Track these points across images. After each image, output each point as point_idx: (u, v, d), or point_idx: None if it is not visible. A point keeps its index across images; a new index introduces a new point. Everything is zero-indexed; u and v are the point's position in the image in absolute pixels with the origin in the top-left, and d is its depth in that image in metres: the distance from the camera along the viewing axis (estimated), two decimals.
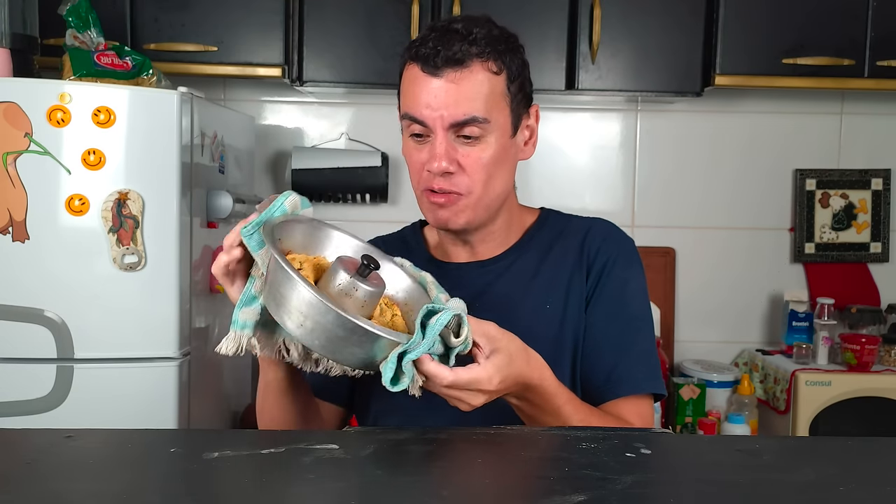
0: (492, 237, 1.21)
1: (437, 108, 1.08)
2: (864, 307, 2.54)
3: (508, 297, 1.17)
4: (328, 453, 0.77)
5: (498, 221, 1.20)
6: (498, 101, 1.11)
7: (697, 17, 2.29)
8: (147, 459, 0.80)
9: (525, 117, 1.17)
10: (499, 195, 1.15)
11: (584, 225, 1.23)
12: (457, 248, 1.22)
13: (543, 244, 1.21)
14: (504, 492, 0.73)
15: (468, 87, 1.08)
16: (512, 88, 1.13)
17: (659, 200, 2.66)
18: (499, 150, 1.12)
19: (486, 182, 1.11)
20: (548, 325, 1.15)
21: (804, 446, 0.98)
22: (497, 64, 1.11)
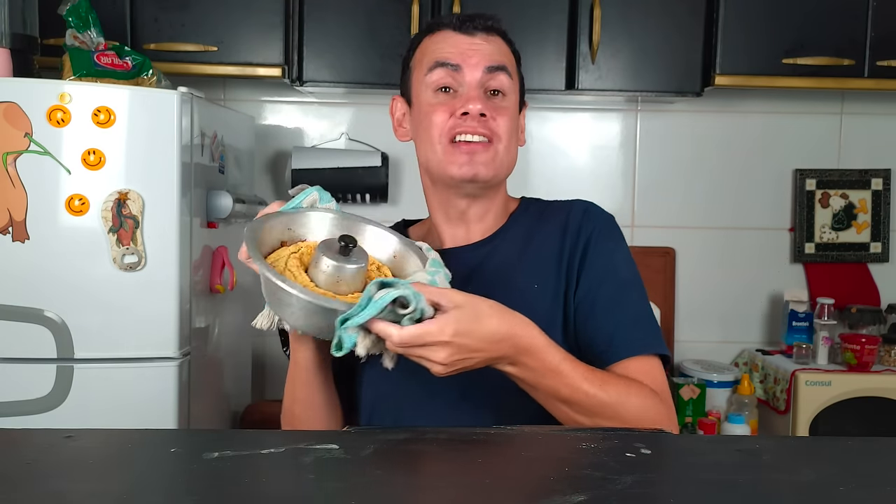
0: (488, 215, 1.24)
1: (472, 55, 1.17)
2: (864, 307, 2.54)
3: (497, 278, 1.19)
4: (328, 453, 0.77)
5: (497, 198, 1.25)
6: (514, 71, 1.21)
7: (697, 17, 2.29)
8: (147, 459, 0.80)
9: (523, 106, 1.27)
10: (513, 160, 1.22)
11: (563, 206, 1.27)
12: (451, 227, 1.25)
13: (526, 227, 1.25)
14: (504, 492, 0.72)
15: (497, 46, 1.19)
16: (519, 71, 1.24)
17: (659, 200, 2.66)
18: (514, 115, 1.21)
19: (509, 136, 1.19)
20: (538, 304, 1.15)
21: (804, 446, 0.98)
22: (513, 49, 1.23)
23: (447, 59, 1.16)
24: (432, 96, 1.18)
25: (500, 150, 1.17)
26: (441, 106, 1.17)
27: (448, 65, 1.16)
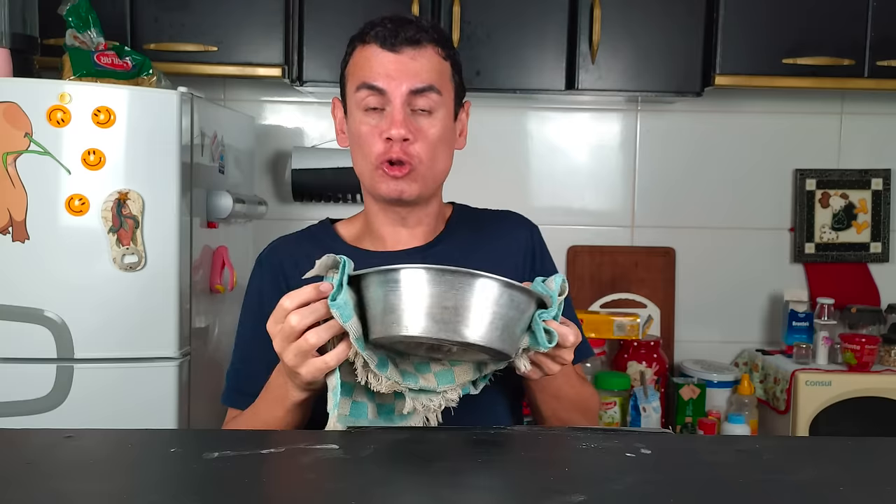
0: (426, 220, 1.28)
1: (397, 76, 1.17)
2: (864, 307, 2.54)
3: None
4: (328, 453, 0.77)
5: (433, 204, 1.28)
6: (446, 82, 1.21)
7: (697, 17, 2.29)
8: (147, 459, 0.80)
9: (461, 111, 1.27)
10: (442, 172, 1.24)
11: (499, 216, 1.35)
12: (387, 233, 1.27)
13: (464, 234, 1.30)
14: (504, 492, 0.73)
15: (424, 62, 1.18)
16: (455, 77, 1.23)
17: (659, 200, 2.66)
18: (445, 128, 1.21)
19: (434, 155, 1.21)
20: None
21: (804, 446, 0.98)
22: (445, 51, 1.21)
23: (373, 80, 1.17)
24: (362, 115, 1.20)
25: (422, 172, 1.20)
26: (369, 127, 1.19)
27: (374, 87, 1.17)
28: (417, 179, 1.20)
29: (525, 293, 0.93)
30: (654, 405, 2.31)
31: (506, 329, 0.91)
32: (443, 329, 0.88)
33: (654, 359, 2.46)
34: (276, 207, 2.59)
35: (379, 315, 0.91)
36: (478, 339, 0.88)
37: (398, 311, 0.89)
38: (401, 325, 0.88)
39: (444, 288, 0.88)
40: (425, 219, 1.27)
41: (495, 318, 0.90)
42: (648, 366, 2.45)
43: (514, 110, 2.63)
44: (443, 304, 0.88)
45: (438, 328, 0.88)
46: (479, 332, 0.88)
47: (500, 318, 0.90)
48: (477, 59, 2.27)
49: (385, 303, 0.90)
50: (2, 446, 0.83)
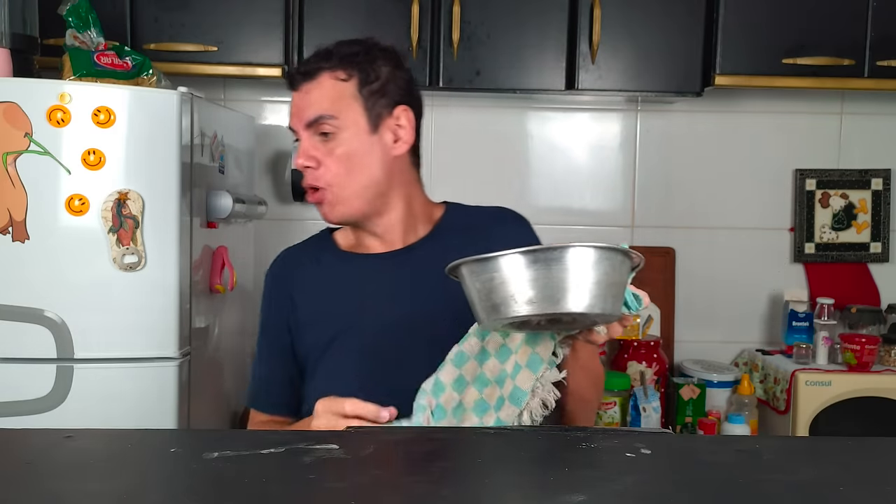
0: (396, 227, 1.34)
1: (296, 114, 1.30)
2: (864, 307, 2.54)
3: (433, 281, 1.26)
4: (328, 453, 0.77)
5: (393, 213, 1.33)
6: (348, 101, 1.28)
7: (697, 17, 2.29)
8: (147, 459, 0.80)
9: (387, 117, 1.31)
10: (368, 187, 1.30)
11: (492, 213, 1.41)
12: (370, 240, 1.36)
13: (457, 233, 1.35)
14: (504, 492, 0.73)
15: (317, 93, 1.28)
16: (364, 91, 1.29)
17: (659, 200, 2.66)
18: (356, 145, 1.28)
19: (346, 175, 1.28)
20: None
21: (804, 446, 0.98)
22: (345, 72, 1.29)
23: (289, 124, 1.32)
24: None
25: (335, 193, 1.29)
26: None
27: (292, 130, 1.32)
28: (336, 203, 1.29)
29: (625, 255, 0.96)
30: (654, 405, 2.31)
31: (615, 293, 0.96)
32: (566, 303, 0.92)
33: (654, 359, 2.46)
34: (276, 207, 2.59)
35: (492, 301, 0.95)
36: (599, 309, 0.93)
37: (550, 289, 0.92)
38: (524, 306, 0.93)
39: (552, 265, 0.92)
40: (391, 228, 1.34)
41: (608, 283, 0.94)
42: (648, 366, 2.45)
43: (514, 110, 2.63)
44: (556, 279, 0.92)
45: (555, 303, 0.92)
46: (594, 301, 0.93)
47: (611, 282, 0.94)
48: (477, 59, 2.27)
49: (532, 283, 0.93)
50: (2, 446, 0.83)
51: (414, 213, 1.36)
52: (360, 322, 1.30)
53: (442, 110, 2.62)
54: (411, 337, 1.27)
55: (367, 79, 1.29)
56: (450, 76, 2.27)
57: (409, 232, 1.35)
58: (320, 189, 1.29)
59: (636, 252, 0.97)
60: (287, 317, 1.36)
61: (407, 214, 1.35)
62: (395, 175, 1.31)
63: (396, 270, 1.33)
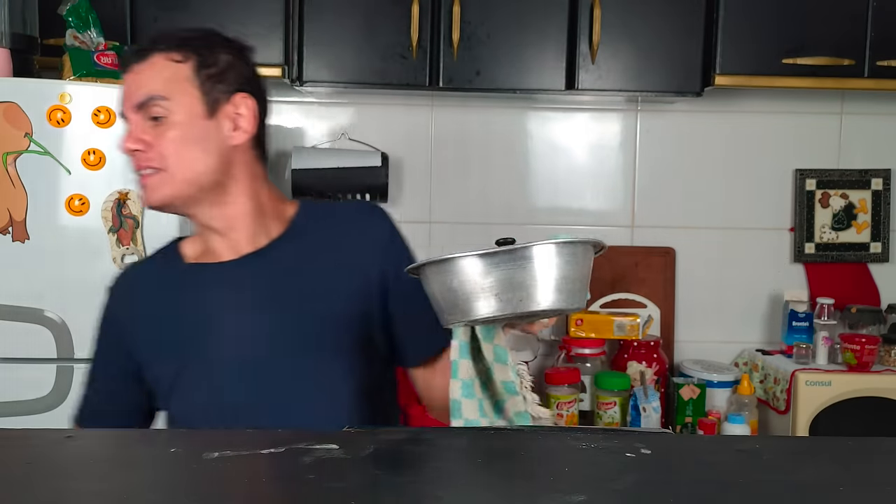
0: (241, 224, 1.26)
1: (126, 96, 1.23)
2: (864, 307, 2.54)
3: (298, 284, 1.26)
4: (328, 453, 0.77)
5: (234, 208, 1.26)
6: (182, 83, 1.22)
7: (697, 17, 2.29)
8: (147, 459, 0.80)
9: (226, 104, 1.23)
10: (201, 173, 1.22)
11: (352, 208, 1.41)
12: (216, 242, 1.28)
13: (315, 231, 1.30)
14: (504, 492, 0.72)
15: (148, 73, 1.22)
16: (201, 75, 1.22)
17: (659, 200, 2.66)
18: (189, 129, 1.21)
19: (178, 157, 1.21)
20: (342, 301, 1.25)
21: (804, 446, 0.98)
22: (181, 54, 1.22)
23: (119, 109, 1.25)
24: None
25: (167, 177, 1.21)
26: None
27: (122, 114, 1.24)
28: (163, 184, 1.21)
29: (584, 245, 0.97)
30: (654, 405, 2.31)
31: (579, 288, 0.97)
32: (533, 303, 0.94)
33: (654, 359, 2.46)
34: None
35: (456, 300, 0.96)
36: (565, 304, 0.95)
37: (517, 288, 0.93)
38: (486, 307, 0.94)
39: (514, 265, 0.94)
40: (235, 224, 1.27)
41: (571, 278, 0.95)
42: (648, 366, 2.45)
43: (514, 110, 2.63)
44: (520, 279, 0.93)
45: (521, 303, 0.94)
46: (560, 297, 0.94)
47: (574, 277, 0.95)
48: (477, 59, 2.27)
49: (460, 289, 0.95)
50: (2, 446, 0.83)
51: (263, 210, 1.28)
52: (212, 343, 1.24)
53: (442, 110, 2.62)
54: (285, 348, 1.23)
55: (204, 62, 1.22)
56: (450, 76, 2.27)
57: (258, 232, 1.28)
58: (149, 168, 1.21)
59: (597, 240, 0.99)
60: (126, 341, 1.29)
61: (254, 211, 1.27)
62: (234, 166, 1.24)
63: (252, 278, 1.26)
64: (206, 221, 1.27)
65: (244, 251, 1.27)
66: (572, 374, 2.36)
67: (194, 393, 1.24)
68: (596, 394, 2.40)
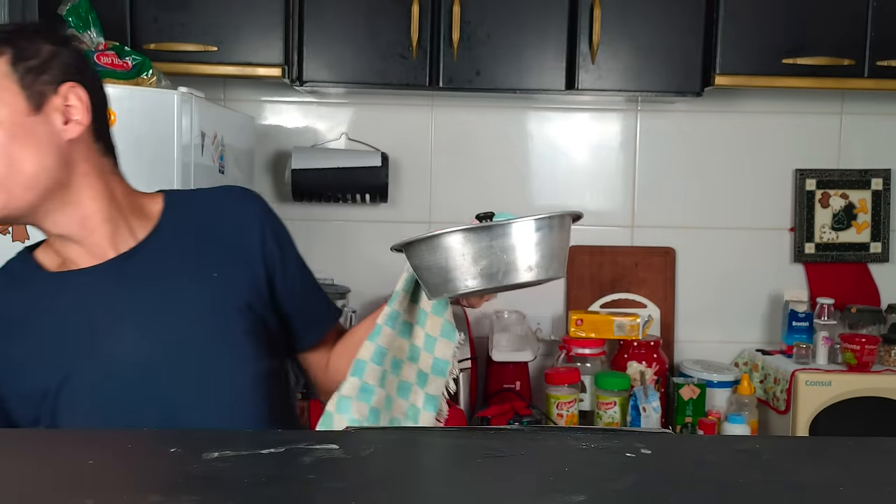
0: (96, 227, 1.18)
1: None
2: (864, 307, 2.54)
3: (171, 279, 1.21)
4: (328, 453, 0.77)
5: (83, 209, 1.17)
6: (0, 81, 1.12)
7: (697, 17, 2.29)
8: (147, 459, 0.80)
9: (53, 96, 1.14)
10: (34, 175, 1.12)
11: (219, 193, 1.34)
12: (73, 251, 1.19)
13: (186, 224, 1.25)
14: (504, 492, 0.72)
15: None
16: (19, 68, 1.12)
17: (659, 200, 2.66)
18: (14, 128, 1.11)
19: (8, 161, 1.10)
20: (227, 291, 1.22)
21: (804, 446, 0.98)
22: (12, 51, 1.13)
23: None
24: None
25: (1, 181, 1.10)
26: None
27: None
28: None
29: (561, 218, 1.03)
30: (654, 405, 2.31)
31: (560, 258, 1.04)
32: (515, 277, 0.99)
33: (654, 359, 2.46)
34: (276, 207, 2.57)
35: (440, 276, 1.00)
36: (545, 275, 1.00)
37: (499, 262, 0.98)
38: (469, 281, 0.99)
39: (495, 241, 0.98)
40: (88, 229, 1.18)
41: (551, 250, 1.02)
42: (648, 366, 2.45)
43: (514, 110, 2.63)
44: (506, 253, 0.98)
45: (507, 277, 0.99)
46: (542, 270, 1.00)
47: (554, 249, 1.02)
48: (477, 59, 2.27)
49: (446, 264, 0.99)
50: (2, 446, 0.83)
51: (119, 207, 1.21)
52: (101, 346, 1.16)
53: (442, 110, 2.62)
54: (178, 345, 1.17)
55: (21, 55, 1.13)
56: (450, 76, 2.27)
57: (119, 234, 1.20)
58: None
59: (573, 211, 1.06)
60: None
61: (109, 209, 1.19)
62: (75, 163, 1.15)
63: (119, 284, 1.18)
64: (57, 230, 1.18)
65: (108, 255, 1.19)
66: (572, 374, 2.36)
67: (86, 398, 1.14)
68: (596, 394, 2.40)
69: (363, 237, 2.60)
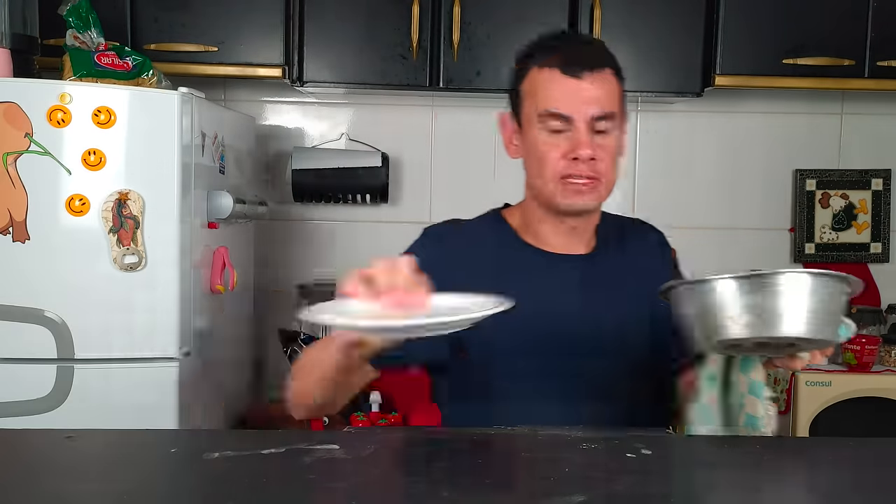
0: (591, 226, 1.34)
1: (581, 104, 1.23)
2: (864, 307, 2.54)
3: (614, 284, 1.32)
4: (328, 453, 0.77)
5: (598, 214, 1.35)
6: (619, 101, 1.28)
7: (697, 16, 2.29)
8: (147, 459, 0.80)
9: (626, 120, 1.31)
10: (615, 184, 1.31)
11: (636, 226, 1.46)
12: (560, 238, 1.32)
13: (614, 243, 1.37)
14: (504, 492, 0.73)
15: (605, 87, 1.25)
16: (623, 92, 1.30)
17: (659, 200, 2.66)
18: (619, 143, 1.29)
19: (613, 170, 1.28)
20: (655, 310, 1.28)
21: (804, 446, 0.98)
22: (615, 70, 1.29)
23: (558, 109, 1.24)
24: (546, 136, 1.26)
25: (604, 186, 1.28)
26: (552, 147, 1.25)
27: (560, 116, 1.24)
28: (600, 194, 1.28)
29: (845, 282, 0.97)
30: None
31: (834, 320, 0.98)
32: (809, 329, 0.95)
33: None
34: (276, 208, 2.59)
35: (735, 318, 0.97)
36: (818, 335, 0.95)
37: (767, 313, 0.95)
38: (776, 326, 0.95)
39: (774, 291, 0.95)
40: (589, 227, 1.34)
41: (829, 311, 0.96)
42: None
43: None
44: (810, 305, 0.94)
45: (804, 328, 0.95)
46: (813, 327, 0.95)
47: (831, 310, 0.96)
48: (477, 59, 2.27)
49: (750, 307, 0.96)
50: (2, 446, 0.83)
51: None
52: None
53: (442, 110, 2.62)
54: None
55: (623, 81, 1.29)
56: (450, 76, 2.27)
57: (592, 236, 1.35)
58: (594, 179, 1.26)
59: (855, 279, 0.98)
60: None
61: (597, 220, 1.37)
62: None
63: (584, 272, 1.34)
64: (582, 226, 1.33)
65: (569, 252, 1.32)
66: None
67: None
68: None
69: (363, 237, 2.60)
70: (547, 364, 1.25)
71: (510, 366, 1.25)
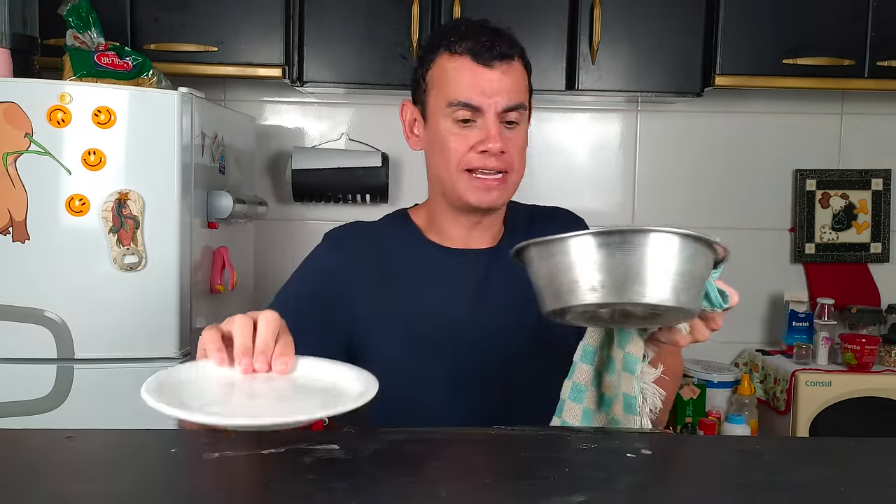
0: (497, 222, 1.31)
1: (492, 94, 1.20)
2: (864, 307, 2.54)
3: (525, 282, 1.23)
4: (328, 453, 0.77)
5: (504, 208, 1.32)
6: (527, 93, 1.28)
7: (697, 16, 2.29)
8: (147, 459, 0.80)
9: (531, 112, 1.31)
10: (522, 176, 1.28)
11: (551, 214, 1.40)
12: (463, 231, 1.29)
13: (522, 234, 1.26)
14: (504, 492, 0.72)
15: (515, 77, 1.24)
16: (530, 83, 1.29)
17: (659, 200, 2.66)
18: (525, 135, 1.28)
19: (521, 163, 1.26)
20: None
21: (804, 446, 0.98)
22: (524, 62, 1.28)
23: (468, 99, 1.20)
24: (453, 127, 1.22)
25: (512, 180, 1.24)
26: (459, 137, 1.21)
27: (469, 106, 1.20)
28: (508, 188, 1.25)
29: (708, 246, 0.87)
30: None
31: (694, 286, 0.86)
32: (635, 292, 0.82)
33: None
34: (276, 207, 2.59)
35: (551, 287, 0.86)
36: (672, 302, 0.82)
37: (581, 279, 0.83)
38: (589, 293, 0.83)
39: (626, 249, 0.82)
40: (496, 221, 1.31)
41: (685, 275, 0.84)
42: None
43: None
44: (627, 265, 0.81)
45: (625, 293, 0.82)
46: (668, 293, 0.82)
47: (689, 274, 0.84)
48: None
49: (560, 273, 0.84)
50: (2, 446, 0.83)
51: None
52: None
53: None
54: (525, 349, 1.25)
55: (530, 71, 1.29)
56: None
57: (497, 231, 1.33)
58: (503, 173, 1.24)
59: (721, 244, 0.88)
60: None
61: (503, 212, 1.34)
62: None
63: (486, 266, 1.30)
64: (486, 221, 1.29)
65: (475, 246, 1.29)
66: None
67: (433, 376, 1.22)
68: None
69: None
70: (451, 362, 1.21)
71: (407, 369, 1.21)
